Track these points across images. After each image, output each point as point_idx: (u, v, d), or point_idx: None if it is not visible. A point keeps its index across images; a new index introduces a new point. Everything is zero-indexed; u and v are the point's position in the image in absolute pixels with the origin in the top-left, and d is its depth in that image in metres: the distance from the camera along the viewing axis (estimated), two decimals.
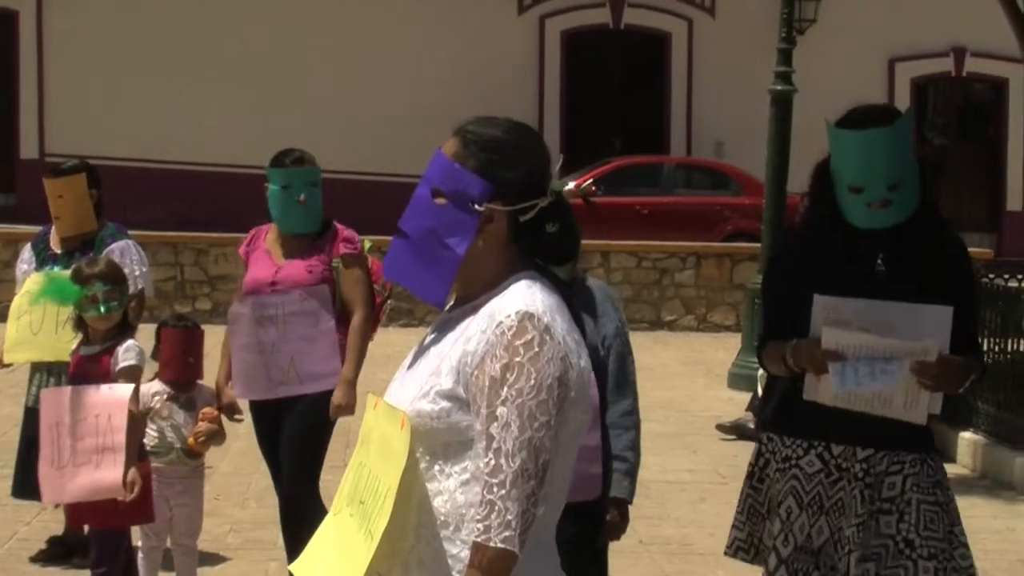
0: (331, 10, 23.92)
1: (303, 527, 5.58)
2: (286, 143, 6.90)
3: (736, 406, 11.58)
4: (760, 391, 9.79)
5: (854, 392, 4.11)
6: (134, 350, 5.85)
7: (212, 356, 6.34)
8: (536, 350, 2.74)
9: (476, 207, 2.86)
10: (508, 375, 2.73)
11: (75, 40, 23.61)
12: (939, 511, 4.24)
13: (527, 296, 2.81)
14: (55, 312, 6.57)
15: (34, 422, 6.21)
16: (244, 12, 23.81)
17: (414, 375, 2.89)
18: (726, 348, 14.85)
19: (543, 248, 2.92)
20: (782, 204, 12.72)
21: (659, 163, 22.18)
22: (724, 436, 10.69)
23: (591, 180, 20.42)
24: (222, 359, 6.36)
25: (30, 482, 6.18)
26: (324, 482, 6.28)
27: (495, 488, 2.69)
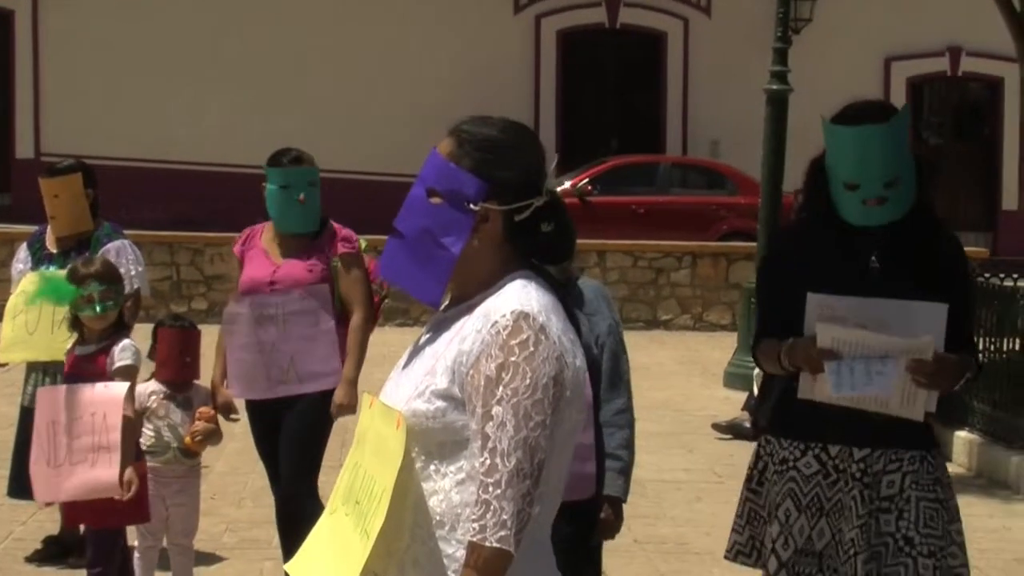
0: (331, 10, 23.91)
1: (301, 526, 5.54)
2: (286, 143, 6.88)
3: (732, 405, 11.59)
4: (756, 390, 9.85)
5: (849, 397, 4.09)
6: (130, 349, 5.85)
7: (208, 356, 6.34)
8: (531, 349, 2.74)
9: (471, 206, 2.86)
10: (503, 374, 2.73)
11: (71, 39, 23.59)
12: (939, 508, 4.21)
13: (522, 296, 2.81)
14: (51, 312, 6.56)
15: (30, 422, 6.20)
16: (244, 12, 23.79)
17: (409, 375, 2.89)
18: (722, 347, 14.86)
19: (538, 248, 2.91)
20: (778, 203, 12.73)
21: (655, 162, 22.17)
22: (720, 435, 10.69)
23: (587, 179, 20.46)
24: (217, 359, 6.35)
25: (25, 482, 6.18)
26: (320, 482, 6.27)
27: (491, 488, 2.69)
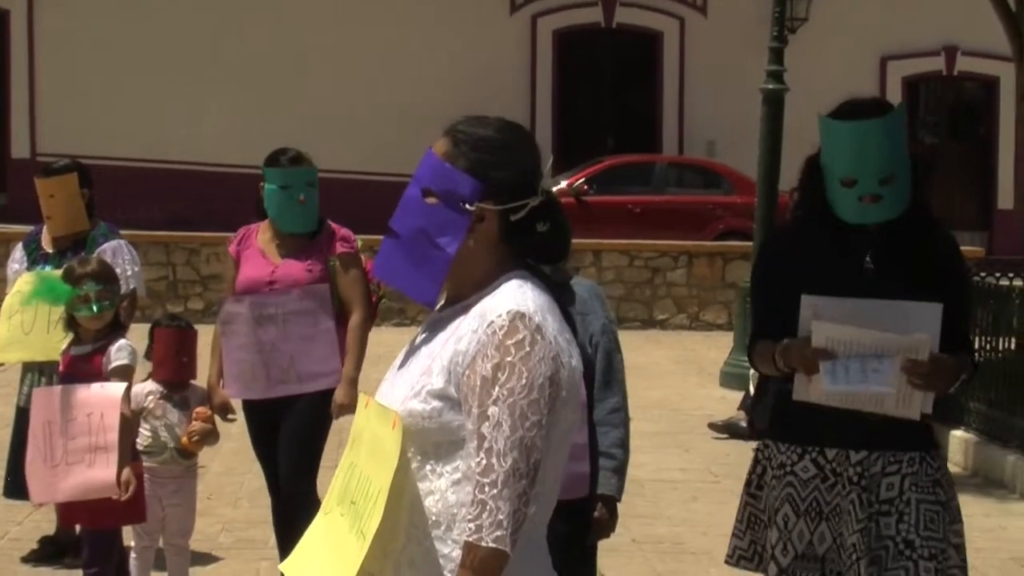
0: (331, 10, 23.91)
1: (299, 526, 5.54)
2: (285, 143, 6.85)
3: (728, 405, 11.59)
4: (752, 390, 9.86)
5: (845, 392, 4.07)
6: (126, 349, 5.85)
7: (204, 356, 6.33)
8: (527, 350, 2.74)
9: (467, 206, 2.86)
10: (499, 374, 2.73)
11: (67, 39, 23.58)
12: (940, 510, 4.18)
13: (518, 296, 2.81)
14: (47, 312, 6.56)
15: (26, 422, 6.19)
16: (243, 12, 23.78)
17: (405, 375, 2.89)
18: (718, 347, 14.86)
19: (534, 247, 2.91)
20: (774, 203, 12.73)
21: (651, 162, 22.17)
22: (716, 435, 10.69)
23: (583, 179, 20.44)
24: (212, 358, 6.34)
25: (21, 482, 6.18)
26: (317, 482, 6.27)
27: (486, 488, 2.69)
